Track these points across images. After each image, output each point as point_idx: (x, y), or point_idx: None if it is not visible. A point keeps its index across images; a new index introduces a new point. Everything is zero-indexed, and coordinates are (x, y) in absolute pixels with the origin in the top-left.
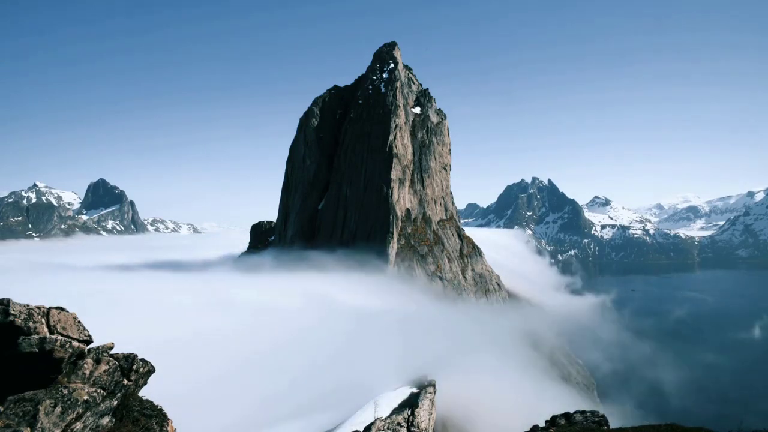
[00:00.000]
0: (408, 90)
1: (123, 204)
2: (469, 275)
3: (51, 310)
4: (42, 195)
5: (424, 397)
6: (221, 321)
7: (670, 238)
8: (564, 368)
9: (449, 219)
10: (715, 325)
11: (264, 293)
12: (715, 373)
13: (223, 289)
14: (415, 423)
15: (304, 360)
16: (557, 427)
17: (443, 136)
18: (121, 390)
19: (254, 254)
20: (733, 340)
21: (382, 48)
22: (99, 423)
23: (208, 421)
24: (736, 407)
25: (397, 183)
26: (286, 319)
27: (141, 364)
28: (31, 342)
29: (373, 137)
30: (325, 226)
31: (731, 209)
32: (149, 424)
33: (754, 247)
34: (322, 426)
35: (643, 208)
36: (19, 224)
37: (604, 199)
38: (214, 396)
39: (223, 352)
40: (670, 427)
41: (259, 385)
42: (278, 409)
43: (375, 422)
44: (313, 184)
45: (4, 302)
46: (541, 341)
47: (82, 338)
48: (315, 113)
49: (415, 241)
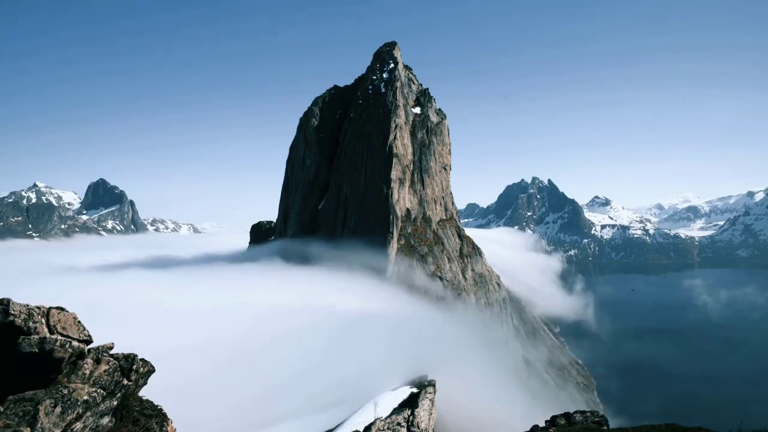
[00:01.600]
0: (408, 90)
1: (123, 204)
2: (469, 275)
3: (51, 310)
4: (42, 195)
5: (424, 397)
6: (221, 322)
7: (670, 238)
8: (564, 368)
9: (449, 219)
10: (715, 325)
11: (263, 293)
12: (715, 372)
13: (222, 289)
14: (415, 423)
15: (304, 360)
16: (557, 427)
17: (443, 136)
18: (121, 390)
19: (253, 254)
20: (733, 340)
21: (382, 48)
22: (99, 423)
23: (209, 421)
24: (736, 407)
25: (397, 183)
26: (286, 319)
27: (141, 364)
28: (31, 342)
29: (373, 137)
30: (325, 226)
31: (731, 209)
32: (149, 424)
33: (754, 247)
34: (322, 426)
35: (643, 208)
36: (19, 224)
37: (604, 199)
38: (214, 396)
39: (224, 352)
40: (670, 427)
41: (260, 385)
42: (278, 409)
43: (375, 422)
44: (313, 184)
45: (4, 302)
46: (540, 341)
47: (82, 338)
48: (315, 113)
49: (415, 241)
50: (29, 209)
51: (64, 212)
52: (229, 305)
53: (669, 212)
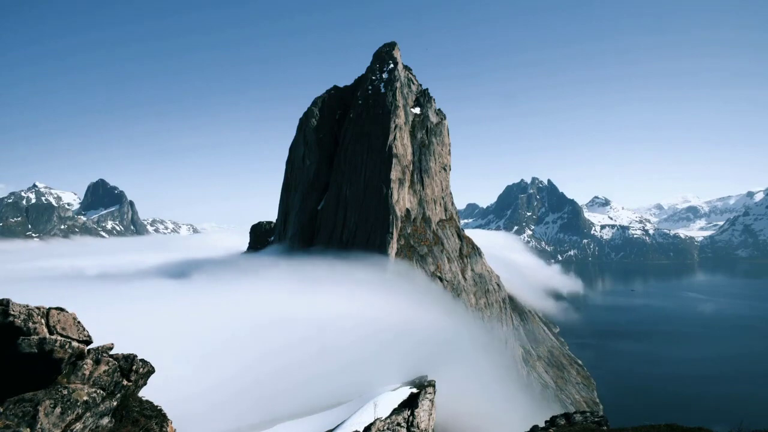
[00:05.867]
0: (408, 90)
1: (123, 204)
2: (469, 275)
3: (51, 310)
4: (41, 195)
5: (424, 397)
6: (221, 323)
7: (669, 239)
8: (564, 368)
9: (449, 219)
10: (716, 325)
11: (262, 294)
12: (715, 372)
13: (222, 291)
14: (415, 423)
15: (304, 360)
16: (557, 427)
17: (443, 137)
18: (121, 390)
19: (254, 255)
20: (734, 340)
21: (381, 48)
22: (99, 423)
23: (209, 421)
24: (736, 407)
25: (396, 183)
26: (285, 320)
27: (140, 365)
28: (31, 342)
29: (373, 137)
30: (324, 227)
31: (731, 209)
32: (149, 424)
33: (754, 247)
34: (322, 426)
35: (643, 208)
36: (19, 224)
37: (604, 199)
38: (214, 396)
39: (224, 353)
40: (669, 426)
41: (260, 385)
42: (278, 409)
43: (375, 422)
44: (313, 184)
45: (3, 302)
46: (540, 342)
47: (81, 339)
48: (315, 113)
49: (415, 241)
50: (29, 210)
51: (64, 213)
52: (229, 307)
53: (669, 212)
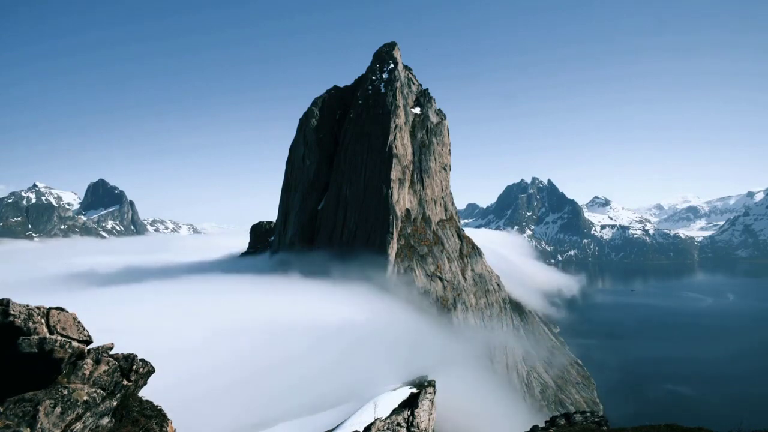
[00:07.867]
0: (408, 90)
1: (123, 204)
2: (469, 275)
3: (51, 310)
4: (42, 195)
5: (424, 397)
6: (221, 323)
7: (669, 239)
8: (564, 368)
9: (449, 219)
10: (716, 325)
11: (263, 295)
12: (714, 372)
13: (222, 291)
14: (415, 423)
15: (304, 360)
16: (557, 427)
17: (443, 137)
18: (121, 390)
19: (254, 256)
20: (734, 340)
21: (381, 48)
22: (99, 423)
23: (209, 421)
24: (736, 407)
25: (396, 183)
26: (285, 320)
27: (141, 365)
28: (31, 342)
29: (373, 137)
30: (324, 227)
31: (731, 209)
32: (149, 424)
33: (754, 247)
34: (322, 426)
35: (643, 209)
36: (19, 224)
37: (604, 200)
38: (214, 397)
39: (223, 353)
40: (669, 426)
41: (259, 385)
42: (278, 409)
43: (375, 422)
44: (313, 184)
45: (3, 302)
46: (540, 342)
47: (81, 338)
48: (315, 113)
49: (415, 241)
50: (29, 209)
51: (64, 213)
52: (229, 308)
53: (669, 212)
